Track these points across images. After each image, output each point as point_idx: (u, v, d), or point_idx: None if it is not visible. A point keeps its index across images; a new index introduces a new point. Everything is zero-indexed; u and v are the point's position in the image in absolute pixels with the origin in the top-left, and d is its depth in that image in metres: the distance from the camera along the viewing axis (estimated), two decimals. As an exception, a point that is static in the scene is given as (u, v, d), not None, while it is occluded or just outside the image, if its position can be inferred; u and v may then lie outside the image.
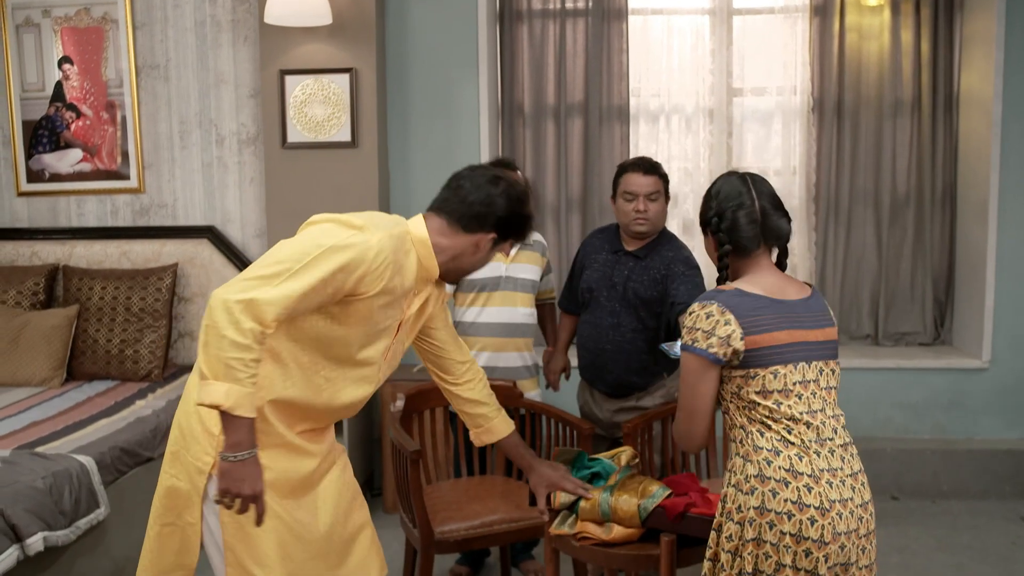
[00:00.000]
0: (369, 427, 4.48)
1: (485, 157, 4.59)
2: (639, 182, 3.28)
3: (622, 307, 3.34)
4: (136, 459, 3.50)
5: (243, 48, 4.58)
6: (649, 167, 3.31)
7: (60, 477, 3.05)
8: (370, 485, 4.50)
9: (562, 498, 2.63)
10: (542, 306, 3.80)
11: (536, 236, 3.65)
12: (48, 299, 4.49)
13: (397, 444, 3.08)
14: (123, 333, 4.31)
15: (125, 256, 4.62)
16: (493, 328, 3.58)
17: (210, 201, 4.65)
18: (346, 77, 4.39)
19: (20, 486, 2.90)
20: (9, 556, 2.72)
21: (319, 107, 4.40)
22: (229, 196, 4.63)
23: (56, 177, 4.73)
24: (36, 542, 2.82)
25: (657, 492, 2.53)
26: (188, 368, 4.52)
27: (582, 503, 2.58)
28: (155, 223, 4.67)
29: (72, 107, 4.69)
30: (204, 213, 4.65)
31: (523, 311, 3.58)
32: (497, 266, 3.56)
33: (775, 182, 4.87)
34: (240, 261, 4.53)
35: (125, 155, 4.67)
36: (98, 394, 4.09)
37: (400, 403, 3.30)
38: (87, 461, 3.21)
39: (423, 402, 3.42)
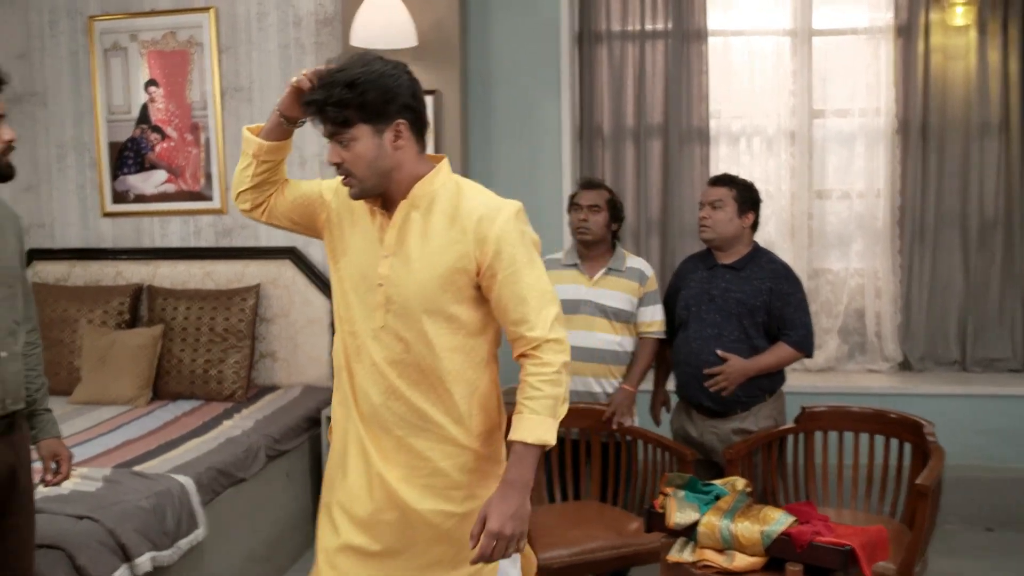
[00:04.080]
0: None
1: (567, 178, 4.59)
2: (706, 192, 3.48)
3: (723, 318, 3.34)
4: (231, 480, 3.49)
5: (326, 70, 4.60)
6: (717, 178, 3.51)
7: (162, 497, 3.06)
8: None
9: (676, 519, 2.59)
10: (641, 339, 3.55)
11: (633, 262, 3.57)
12: (133, 319, 4.54)
13: (499, 467, 3.04)
14: (207, 353, 4.33)
15: (208, 276, 4.65)
16: (571, 352, 3.53)
17: (295, 222, 4.66)
18: (429, 99, 4.40)
19: (127, 505, 2.91)
20: (119, 576, 2.72)
21: (403, 129, 4.41)
22: (312, 217, 4.64)
23: (141, 198, 4.78)
24: (144, 562, 2.82)
25: (780, 519, 2.48)
26: (270, 389, 4.53)
27: (700, 528, 2.53)
28: (238, 244, 4.70)
29: (157, 129, 4.75)
30: (286, 234, 4.63)
31: (602, 337, 3.49)
32: (578, 288, 3.53)
33: (858, 205, 4.81)
34: (322, 282, 4.54)
35: (208, 176, 4.72)
36: (184, 414, 4.10)
37: (497, 426, 3.27)
38: (186, 481, 3.21)
39: (519, 425, 3.38)
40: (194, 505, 3.19)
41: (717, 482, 2.73)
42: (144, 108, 4.75)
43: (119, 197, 4.81)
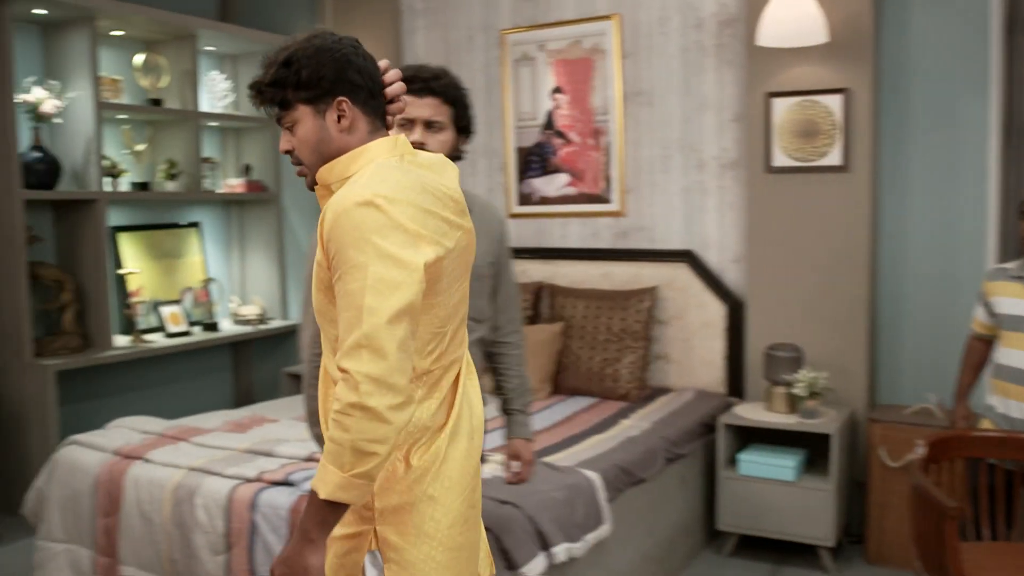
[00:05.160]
0: (851, 468, 4.20)
1: (992, 182, 4.14)
2: None
3: None
4: (632, 479, 3.54)
5: (727, 72, 4.54)
6: None
7: (573, 490, 3.16)
8: (847, 531, 4.22)
9: None
10: None
11: None
12: (535, 315, 4.77)
13: (928, 496, 2.80)
14: (604, 352, 4.45)
15: (605, 277, 4.78)
16: (1007, 372, 3.18)
17: (688, 225, 4.66)
18: (838, 98, 4.19)
19: (542, 496, 3.04)
20: (539, 563, 2.84)
21: (808, 130, 4.24)
22: (708, 220, 4.61)
23: (544, 200, 5.03)
24: (560, 552, 2.93)
25: None
26: (662, 391, 4.56)
27: None
28: (634, 246, 4.78)
29: (560, 134, 4.96)
30: (682, 237, 4.67)
31: None
32: (1017, 303, 3.16)
33: None
34: (717, 286, 4.49)
35: (608, 180, 4.84)
36: (582, 409, 4.24)
37: (921, 450, 3.03)
38: (594, 477, 3.30)
39: (945, 451, 3.11)
40: (600, 501, 3.27)
41: None
42: (549, 114, 4.99)
43: (524, 199, 5.09)
